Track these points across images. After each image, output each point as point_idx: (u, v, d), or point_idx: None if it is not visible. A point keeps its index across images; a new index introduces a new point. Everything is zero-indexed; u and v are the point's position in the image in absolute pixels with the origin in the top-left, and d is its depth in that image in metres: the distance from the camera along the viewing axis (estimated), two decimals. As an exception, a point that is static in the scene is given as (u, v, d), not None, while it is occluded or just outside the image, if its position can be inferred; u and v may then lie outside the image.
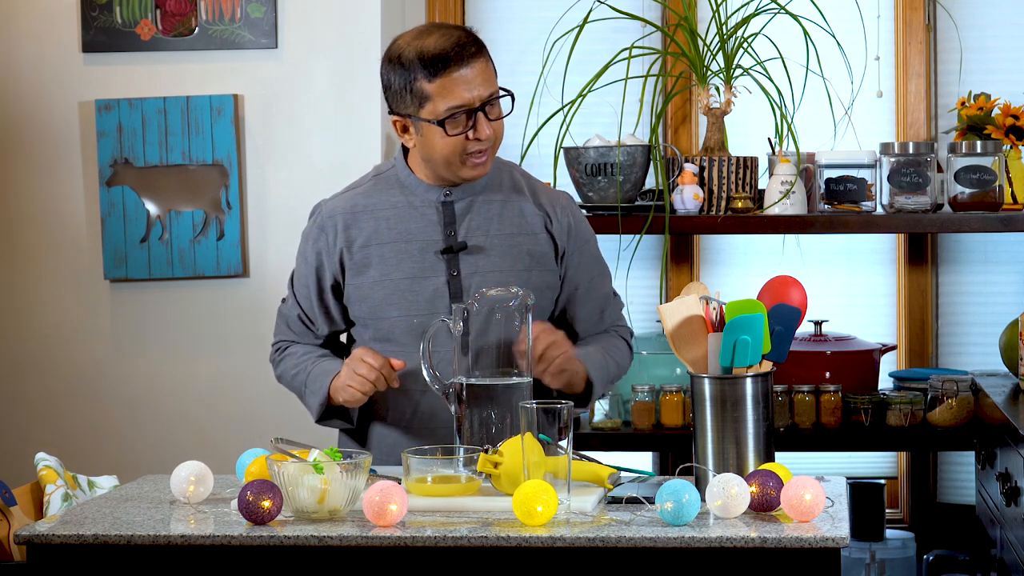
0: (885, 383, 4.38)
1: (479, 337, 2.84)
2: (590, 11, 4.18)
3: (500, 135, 2.99)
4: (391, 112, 3.00)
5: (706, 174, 4.11)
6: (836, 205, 4.11)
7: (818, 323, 4.28)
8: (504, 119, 2.98)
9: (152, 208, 4.23)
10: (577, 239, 3.09)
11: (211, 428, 4.27)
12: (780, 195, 4.10)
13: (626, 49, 4.16)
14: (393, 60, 2.95)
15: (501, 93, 2.96)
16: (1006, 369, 4.15)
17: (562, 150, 4.15)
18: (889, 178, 4.09)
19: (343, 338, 3.20)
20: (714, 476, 2.50)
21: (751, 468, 2.58)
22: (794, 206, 4.11)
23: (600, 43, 4.34)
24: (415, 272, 3.01)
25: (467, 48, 2.91)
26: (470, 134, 2.93)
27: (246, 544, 2.43)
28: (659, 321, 3.59)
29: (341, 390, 2.98)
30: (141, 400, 4.29)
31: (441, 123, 2.92)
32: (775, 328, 2.61)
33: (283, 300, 3.20)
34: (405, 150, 3.08)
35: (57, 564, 2.48)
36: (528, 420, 2.53)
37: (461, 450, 2.68)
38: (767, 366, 2.63)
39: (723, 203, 4.11)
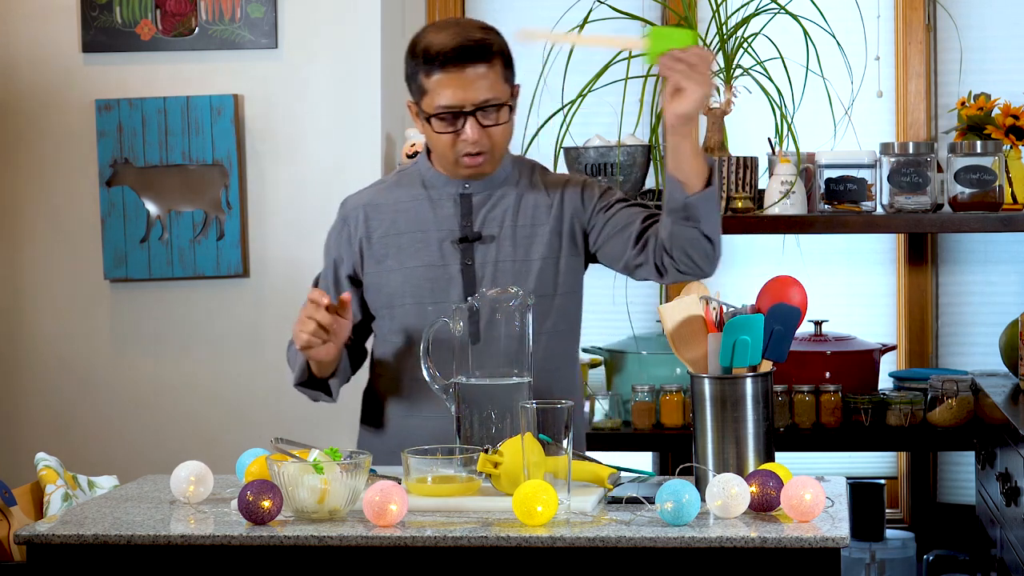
0: (885, 383, 4.38)
1: (479, 337, 2.84)
2: (590, 11, 4.18)
3: (501, 141, 3.01)
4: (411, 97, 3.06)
5: (706, 174, 4.11)
6: (836, 205, 4.11)
7: (818, 323, 4.28)
8: (505, 125, 2.99)
9: (152, 208, 4.23)
10: (591, 196, 3.07)
11: (211, 428, 4.27)
12: (780, 195, 4.10)
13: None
14: (409, 47, 3.01)
15: (497, 100, 2.97)
16: (1006, 369, 4.15)
17: (562, 150, 4.15)
18: (889, 178, 4.09)
19: (368, 345, 3.21)
20: (714, 476, 2.50)
21: (751, 468, 2.58)
22: (794, 206, 4.11)
23: (600, 43, 4.35)
24: (431, 261, 3.04)
25: (469, 51, 2.93)
26: (460, 135, 2.97)
27: (246, 544, 2.43)
28: (659, 321, 3.59)
29: (297, 340, 2.95)
30: (141, 400, 4.29)
31: (429, 119, 2.97)
32: (775, 328, 2.61)
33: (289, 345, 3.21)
34: (429, 148, 3.12)
35: (57, 564, 2.48)
36: (528, 420, 2.53)
37: (461, 450, 2.68)
38: (767, 366, 2.63)
39: (723, 203, 4.11)
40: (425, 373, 2.88)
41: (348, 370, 3.14)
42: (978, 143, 4.06)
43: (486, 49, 2.95)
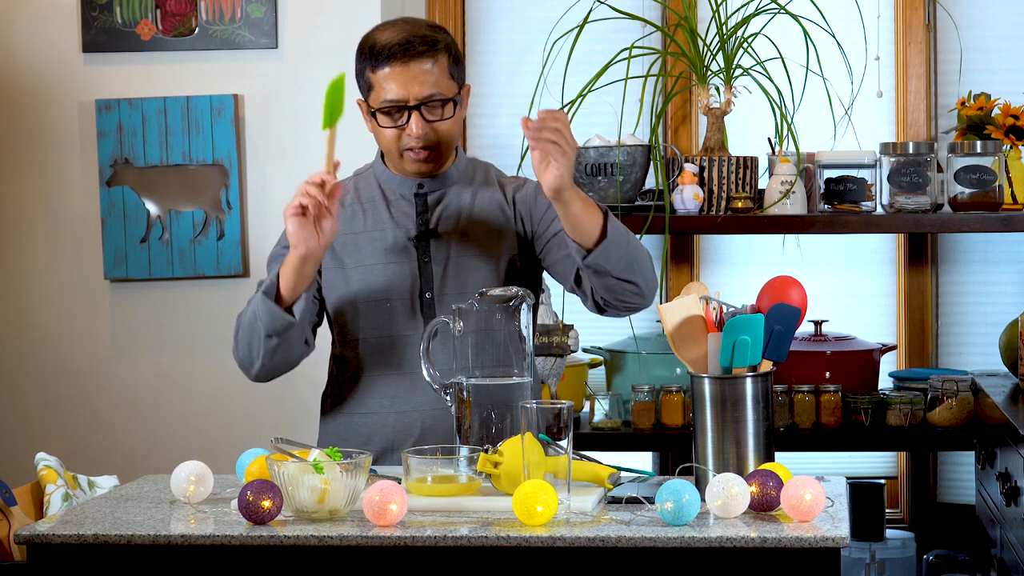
0: (885, 383, 4.38)
1: (479, 337, 2.84)
2: (590, 11, 4.18)
3: (446, 136, 3.03)
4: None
5: (706, 174, 4.11)
6: (836, 205, 4.12)
7: (818, 323, 4.28)
8: (451, 121, 3.01)
9: (152, 208, 4.23)
10: (543, 203, 3.08)
11: (211, 428, 4.27)
12: (780, 195, 4.10)
13: (626, 49, 4.16)
14: (359, 46, 3.07)
15: (442, 95, 2.99)
16: (1006, 369, 4.15)
17: (562, 150, 4.14)
18: (889, 178, 4.09)
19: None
20: (714, 476, 2.50)
21: (751, 468, 2.58)
22: (794, 206, 4.11)
23: (600, 43, 4.34)
24: (389, 258, 3.07)
25: (414, 47, 2.98)
26: (405, 129, 3.01)
27: (246, 544, 2.44)
28: (659, 321, 3.59)
29: (289, 226, 2.89)
30: (141, 400, 4.29)
31: (374, 114, 3.02)
32: (775, 328, 2.61)
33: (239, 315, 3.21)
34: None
35: (57, 564, 2.48)
36: (528, 420, 2.53)
37: (461, 450, 2.68)
38: (767, 366, 2.63)
39: (723, 203, 4.11)
40: (425, 373, 2.89)
41: (313, 315, 3.07)
42: (978, 143, 4.06)
43: (432, 44, 2.99)
